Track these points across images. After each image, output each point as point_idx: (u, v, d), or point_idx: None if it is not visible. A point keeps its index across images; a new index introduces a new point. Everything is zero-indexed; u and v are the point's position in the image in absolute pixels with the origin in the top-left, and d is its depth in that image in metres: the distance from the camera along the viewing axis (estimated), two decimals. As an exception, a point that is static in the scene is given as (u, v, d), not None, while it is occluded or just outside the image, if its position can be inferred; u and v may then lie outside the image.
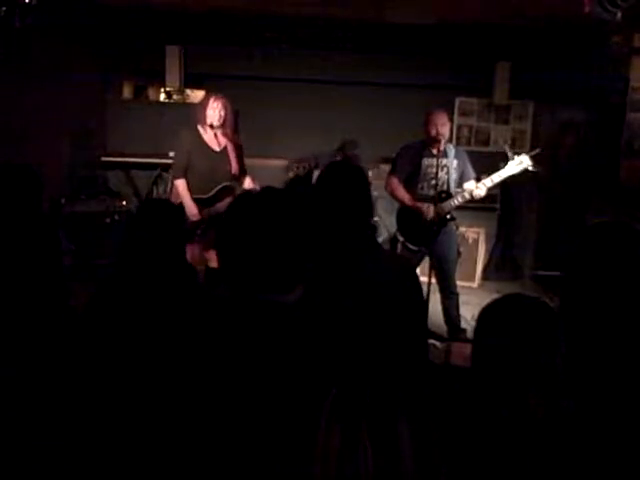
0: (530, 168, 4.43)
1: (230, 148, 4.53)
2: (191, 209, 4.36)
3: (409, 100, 6.60)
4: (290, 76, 6.81)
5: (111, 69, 6.94)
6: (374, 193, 6.19)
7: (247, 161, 4.78)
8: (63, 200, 5.76)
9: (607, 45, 5.12)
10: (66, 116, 6.02)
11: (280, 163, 6.71)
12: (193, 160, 4.43)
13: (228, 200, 4.31)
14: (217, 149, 4.49)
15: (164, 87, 6.99)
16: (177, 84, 6.66)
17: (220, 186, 4.45)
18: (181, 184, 4.43)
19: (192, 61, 6.75)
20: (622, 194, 5.64)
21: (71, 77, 6.09)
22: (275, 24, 6.56)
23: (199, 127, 4.46)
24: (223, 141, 4.52)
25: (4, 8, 4.39)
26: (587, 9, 4.06)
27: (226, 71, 6.85)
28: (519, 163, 4.44)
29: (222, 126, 4.45)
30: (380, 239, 6.24)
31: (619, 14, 3.97)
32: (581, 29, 5.55)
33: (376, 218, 6.23)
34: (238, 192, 4.47)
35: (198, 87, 7.12)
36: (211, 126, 4.42)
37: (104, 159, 6.65)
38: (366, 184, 2.17)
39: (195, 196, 4.41)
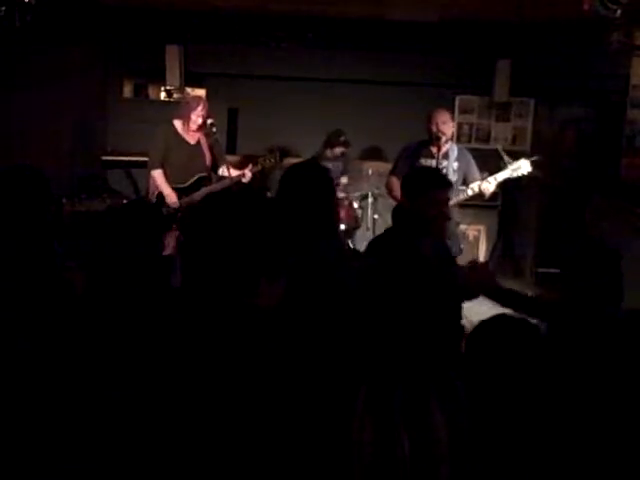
0: (527, 173, 4.48)
1: (203, 141, 4.86)
2: (171, 197, 4.69)
3: (409, 98, 6.60)
4: (290, 75, 6.81)
5: (111, 68, 6.94)
6: (375, 191, 6.21)
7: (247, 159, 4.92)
8: (64, 199, 5.76)
9: (607, 42, 5.12)
10: (66, 115, 6.03)
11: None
12: (170, 153, 4.75)
13: (204, 190, 4.71)
14: (192, 142, 4.82)
15: (164, 86, 6.99)
16: (177, 83, 6.66)
17: (196, 177, 4.78)
18: (159, 174, 4.74)
19: (192, 60, 6.75)
20: (623, 191, 5.64)
21: (71, 76, 6.09)
22: (275, 23, 6.55)
23: (175, 122, 4.80)
24: (197, 135, 4.84)
25: (4, 8, 4.39)
26: (586, 6, 4.06)
27: (226, 70, 6.86)
28: (518, 168, 4.48)
29: (199, 127, 4.80)
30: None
31: (619, 11, 3.97)
32: (581, 26, 5.54)
33: (376, 216, 6.24)
34: (214, 181, 4.97)
35: (198, 86, 7.12)
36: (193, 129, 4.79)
37: (104, 158, 6.66)
38: (326, 188, 2.19)
39: (173, 186, 4.73)
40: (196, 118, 4.71)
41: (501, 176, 4.52)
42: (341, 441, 1.05)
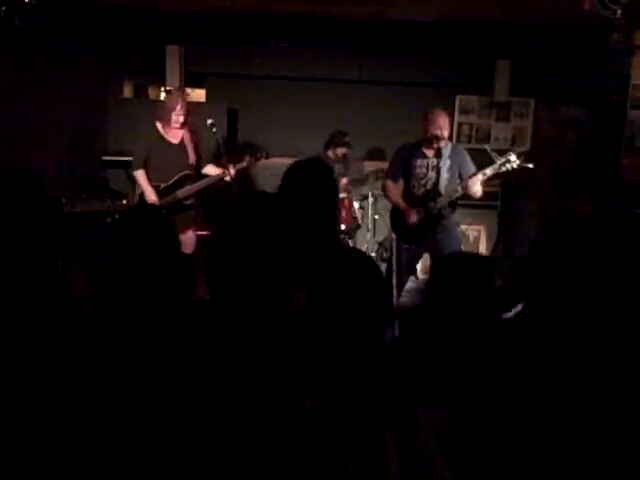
0: (517, 166, 4.42)
1: (187, 139, 4.94)
2: (150, 195, 4.83)
3: (410, 98, 6.60)
4: (290, 75, 6.81)
5: (111, 69, 6.94)
6: (375, 191, 6.21)
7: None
8: (63, 200, 5.75)
9: (607, 42, 5.12)
10: (66, 116, 6.02)
11: (280, 162, 6.70)
12: (153, 154, 4.85)
13: (187, 188, 4.91)
14: (175, 142, 4.91)
15: (164, 86, 6.99)
16: (177, 83, 6.66)
17: (178, 175, 4.90)
18: (140, 174, 4.87)
19: (192, 60, 6.75)
20: (623, 191, 5.64)
21: (71, 77, 6.08)
22: (275, 22, 6.55)
23: (157, 124, 4.88)
24: (179, 134, 4.91)
25: (4, 8, 4.39)
26: (587, 6, 4.06)
27: (226, 70, 6.86)
28: (506, 162, 4.43)
29: (183, 125, 4.88)
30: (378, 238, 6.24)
31: (619, 11, 3.97)
32: (581, 26, 5.54)
33: (376, 216, 6.25)
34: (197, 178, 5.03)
35: (198, 86, 7.12)
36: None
37: (105, 158, 6.66)
38: (329, 184, 2.16)
39: (155, 184, 4.88)
40: (177, 117, 4.79)
41: (489, 171, 4.47)
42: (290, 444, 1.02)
